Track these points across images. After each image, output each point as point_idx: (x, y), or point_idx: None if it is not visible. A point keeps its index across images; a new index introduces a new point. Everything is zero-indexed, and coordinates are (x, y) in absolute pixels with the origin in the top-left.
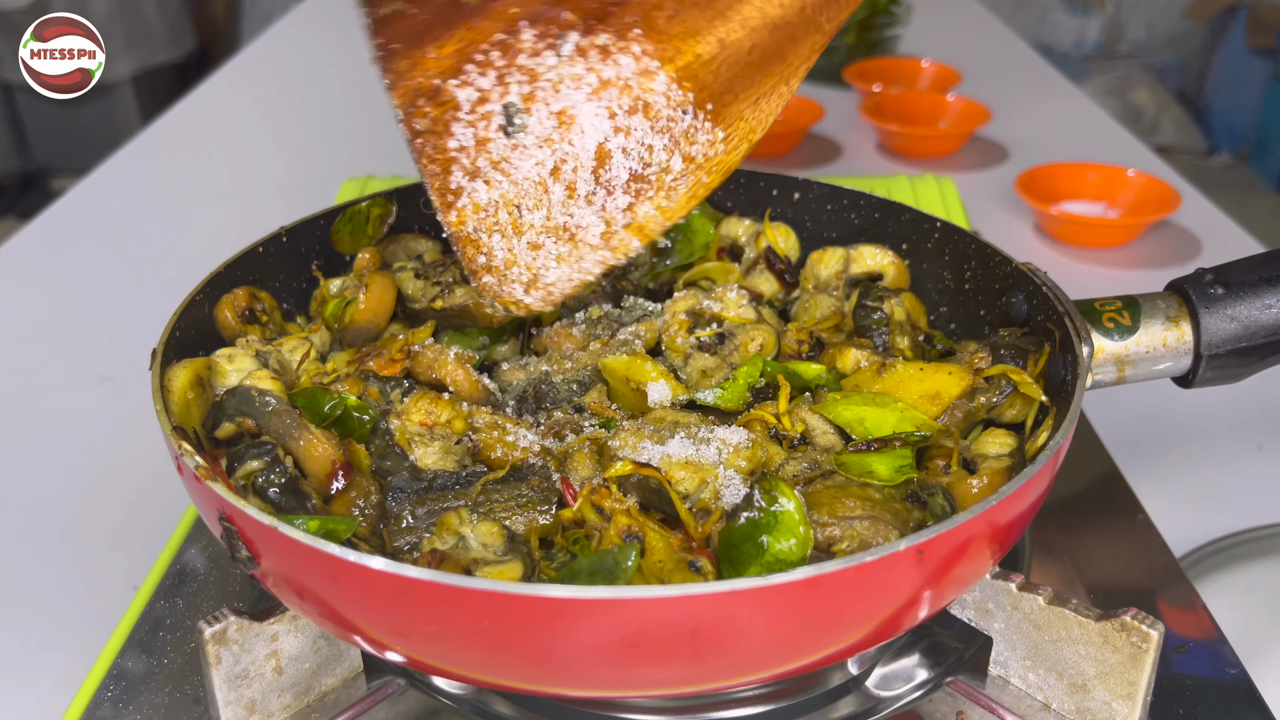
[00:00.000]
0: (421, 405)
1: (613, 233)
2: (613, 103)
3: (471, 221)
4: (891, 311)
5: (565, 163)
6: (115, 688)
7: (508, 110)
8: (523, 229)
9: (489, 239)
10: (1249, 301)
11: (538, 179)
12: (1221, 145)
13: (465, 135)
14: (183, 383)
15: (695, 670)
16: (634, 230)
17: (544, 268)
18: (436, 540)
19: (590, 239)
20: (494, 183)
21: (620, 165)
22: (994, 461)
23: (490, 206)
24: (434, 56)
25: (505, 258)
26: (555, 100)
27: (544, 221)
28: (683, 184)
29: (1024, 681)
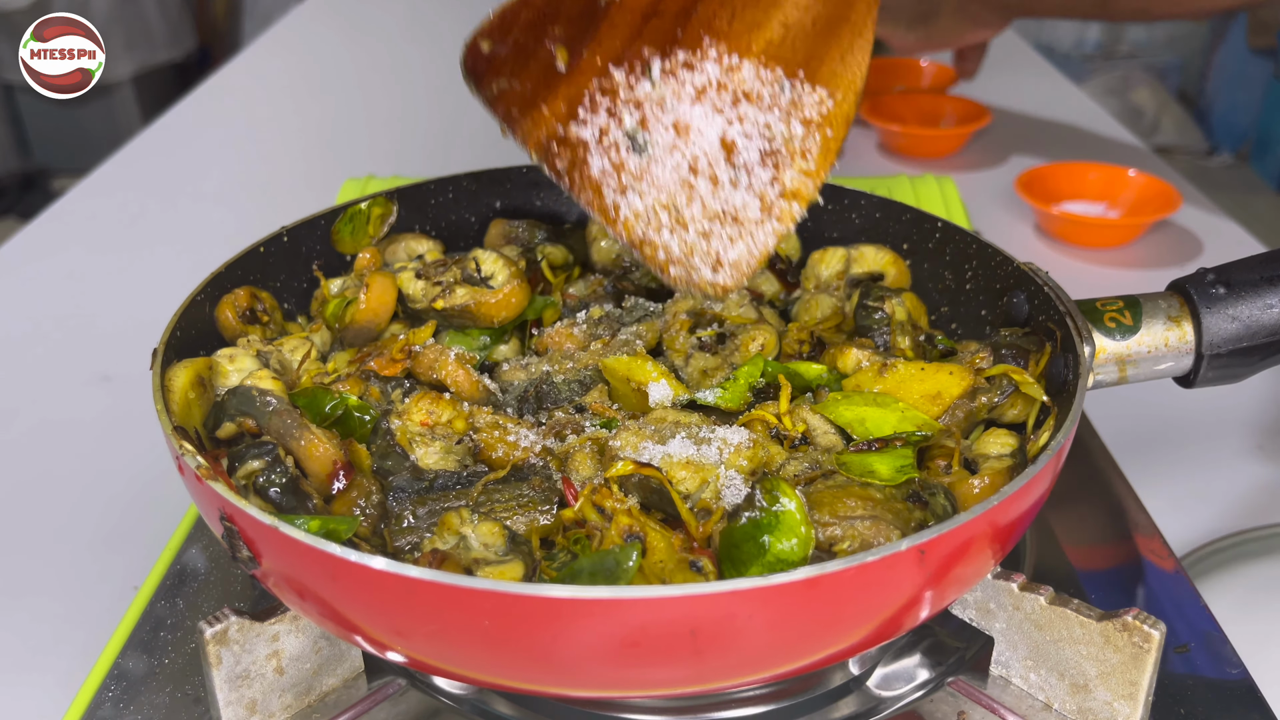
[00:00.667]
0: (422, 405)
1: (771, 204)
2: (715, 100)
3: (638, 229)
4: (892, 311)
5: (698, 160)
6: (116, 688)
7: (630, 135)
8: (687, 223)
9: (660, 238)
10: (1250, 301)
11: (680, 180)
12: (1222, 145)
13: (602, 163)
14: (184, 382)
15: (696, 670)
16: (789, 196)
17: (722, 249)
18: (437, 540)
19: (752, 215)
20: (643, 193)
21: (747, 148)
22: (995, 461)
23: (648, 213)
24: (548, 112)
25: (682, 249)
26: (666, 115)
27: (703, 212)
28: (812, 143)
29: (1025, 681)
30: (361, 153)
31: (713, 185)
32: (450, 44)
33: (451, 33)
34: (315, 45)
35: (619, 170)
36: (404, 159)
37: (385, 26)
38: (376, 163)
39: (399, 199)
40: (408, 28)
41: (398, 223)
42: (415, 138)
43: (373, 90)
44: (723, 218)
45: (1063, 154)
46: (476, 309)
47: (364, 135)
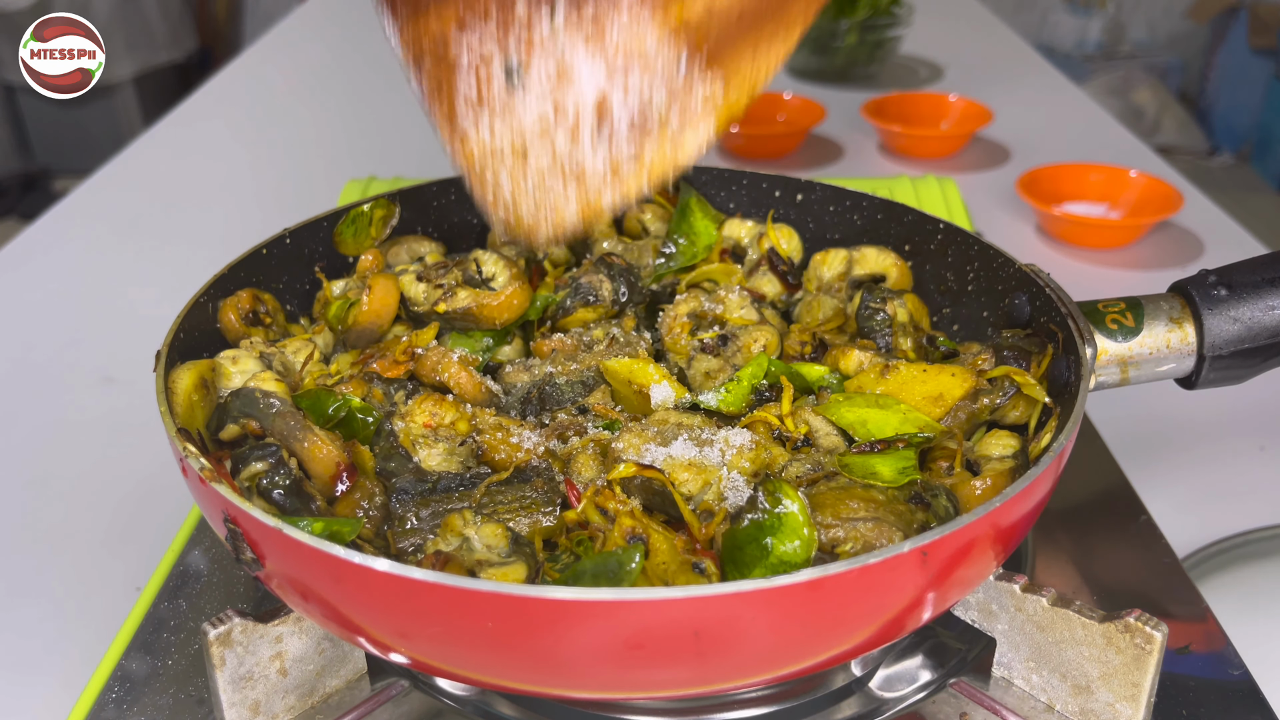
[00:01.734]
0: (425, 407)
1: (620, 172)
2: (607, 57)
3: (478, 158)
4: (894, 313)
5: (566, 112)
6: (119, 689)
7: (508, 69)
8: (528, 169)
9: (496, 177)
10: (1252, 303)
11: (540, 126)
12: (1223, 145)
13: (469, 87)
14: (187, 384)
15: (699, 672)
16: (642, 169)
17: (556, 203)
18: (440, 542)
19: (596, 177)
20: (496, 128)
21: (621, 114)
22: (997, 463)
23: (495, 148)
24: (434, 19)
25: (514, 192)
26: (551, 57)
27: (550, 162)
28: (689, 131)
29: (1027, 683)
30: (363, 154)
31: (571, 140)
32: None
33: None
34: (317, 46)
35: (481, 99)
36: (406, 160)
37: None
38: (378, 164)
39: (401, 201)
40: None
41: (400, 224)
42: (417, 139)
43: (375, 91)
44: (566, 174)
45: (1064, 155)
46: (478, 311)
47: (366, 136)
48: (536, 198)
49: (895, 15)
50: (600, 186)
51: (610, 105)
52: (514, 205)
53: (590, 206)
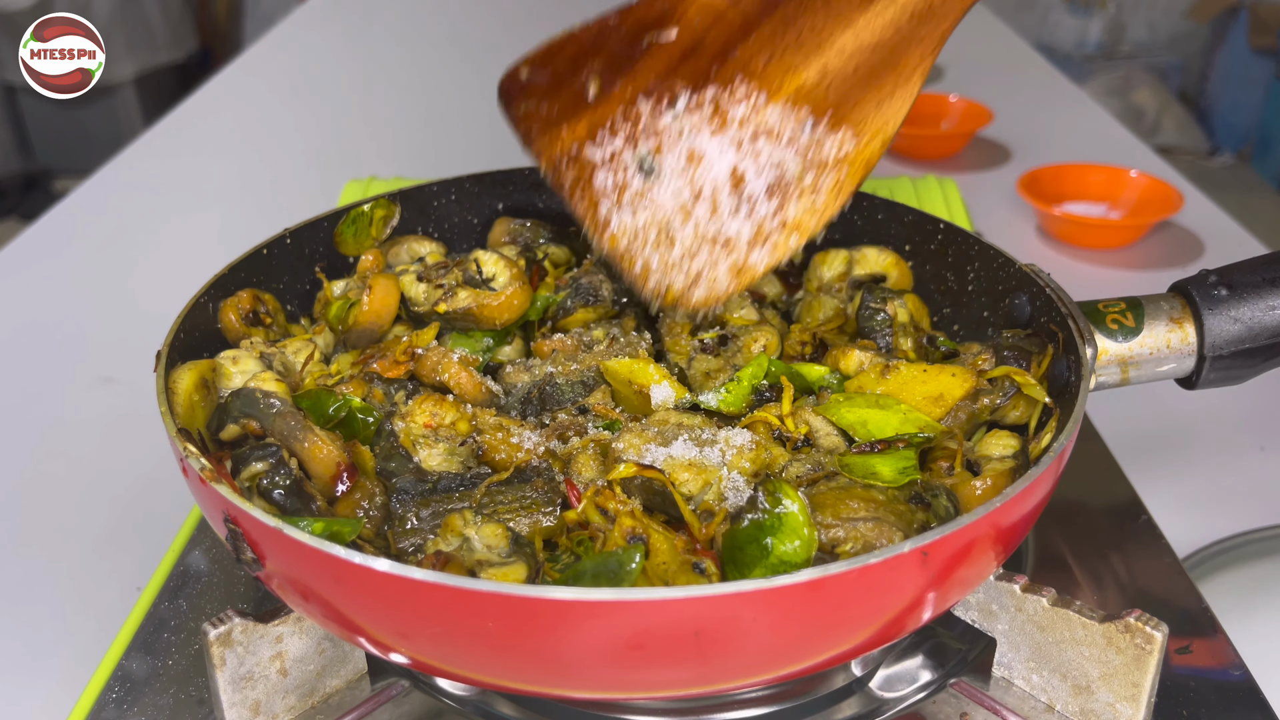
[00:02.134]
0: (426, 407)
1: (767, 234)
2: (734, 134)
3: (623, 241)
4: (894, 313)
5: (703, 188)
6: (119, 689)
7: (641, 160)
8: (674, 241)
9: (644, 252)
10: (1253, 303)
11: (679, 204)
12: (1224, 146)
13: (606, 180)
14: (187, 385)
15: (699, 672)
16: (789, 229)
17: (705, 269)
18: (441, 542)
19: (743, 241)
20: (638, 211)
21: (755, 181)
22: (998, 463)
23: (638, 229)
24: (568, 134)
25: (662, 264)
26: (681, 143)
27: (694, 235)
28: (825, 182)
29: (1027, 683)
30: (364, 154)
31: (711, 211)
32: (452, 44)
33: (453, 33)
34: (317, 46)
35: (621, 190)
36: (406, 160)
37: (387, 27)
38: (379, 164)
39: (401, 201)
40: (409, 29)
41: (400, 224)
42: (417, 139)
43: (375, 91)
44: (713, 241)
45: (1064, 155)
46: (479, 311)
47: (366, 136)
48: (687, 269)
49: None
50: (748, 250)
51: (744, 176)
52: (664, 279)
53: (741, 269)
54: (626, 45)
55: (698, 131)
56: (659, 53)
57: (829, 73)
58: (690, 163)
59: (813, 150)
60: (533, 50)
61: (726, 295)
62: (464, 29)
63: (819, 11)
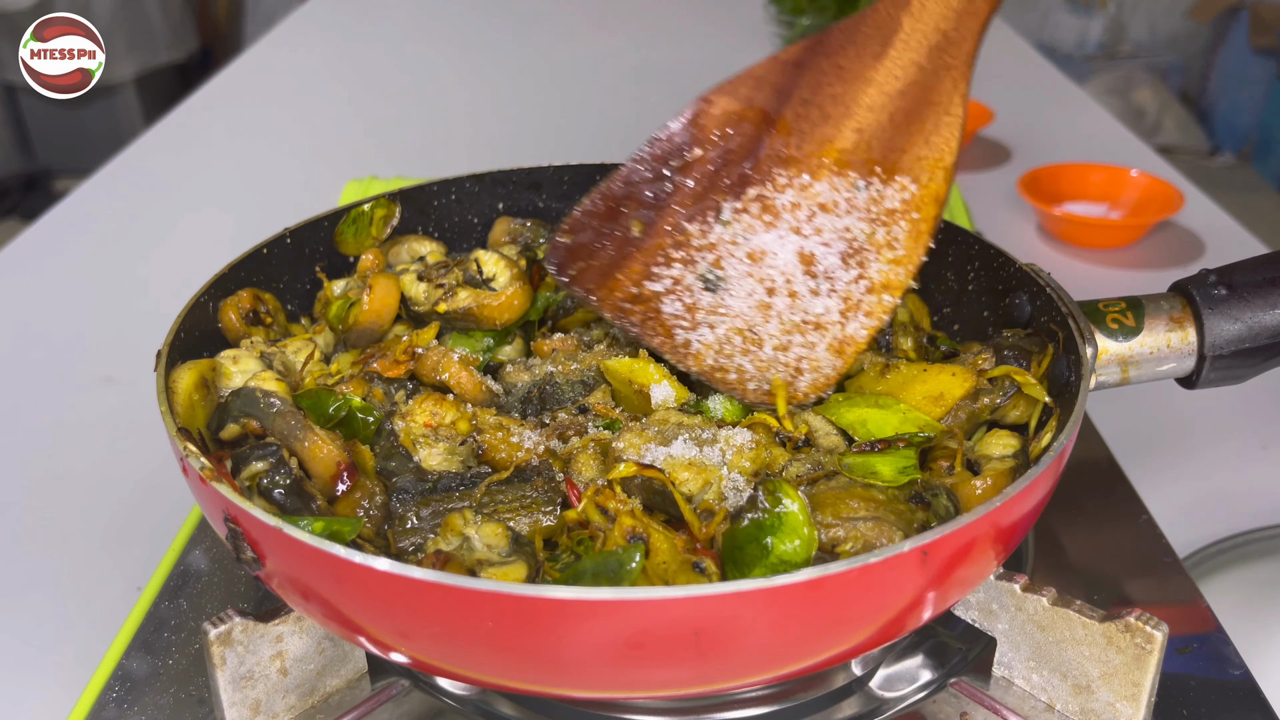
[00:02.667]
0: (426, 406)
1: (857, 302)
2: (790, 221)
3: (709, 358)
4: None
5: (775, 281)
6: (120, 689)
7: (703, 278)
8: (763, 340)
9: (733, 361)
10: (1253, 303)
11: (756, 304)
12: (1224, 145)
13: (675, 308)
14: (187, 384)
15: (699, 671)
16: (879, 290)
17: (804, 356)
18: (441, 541)
19: (833, 318)
20: (715, 325)
21: (826, 256)
22: (998, 463)
23: (720, 341)
24: (624, 278)
25: (757, 366)
26: (739, 249)
27: (780, 328)
28: (899, 232)
29: (1028, 682)
30: (364, 154)
31: (791, 300)
32: (452, 44)
33: (454, 33)
34: (317, 46)
35: (692, 311)
36: (406, 160)
37: (387, 27)
38: (379, 164)
39: (401, 200)
40: (410, 29)
41: (400, 224)
42: (418, 139)
43: (375, 91)
44: (802, 328)
45: (1065, 154)
46: (479, 311)
47: (366, 136)
48: (784, 362)
49: None
50: (842, 323)
51: (814, 256)
52: (763, 380)
53: (842, 344)
54: (656, 181)
55: (752, 232)
56: (690, 175)
57: (865, 130)
58: (754, 262)
59: (874, 207)
60: (568, 217)
61: (836, 376)
62: (464, 29)
63: (835, 81)
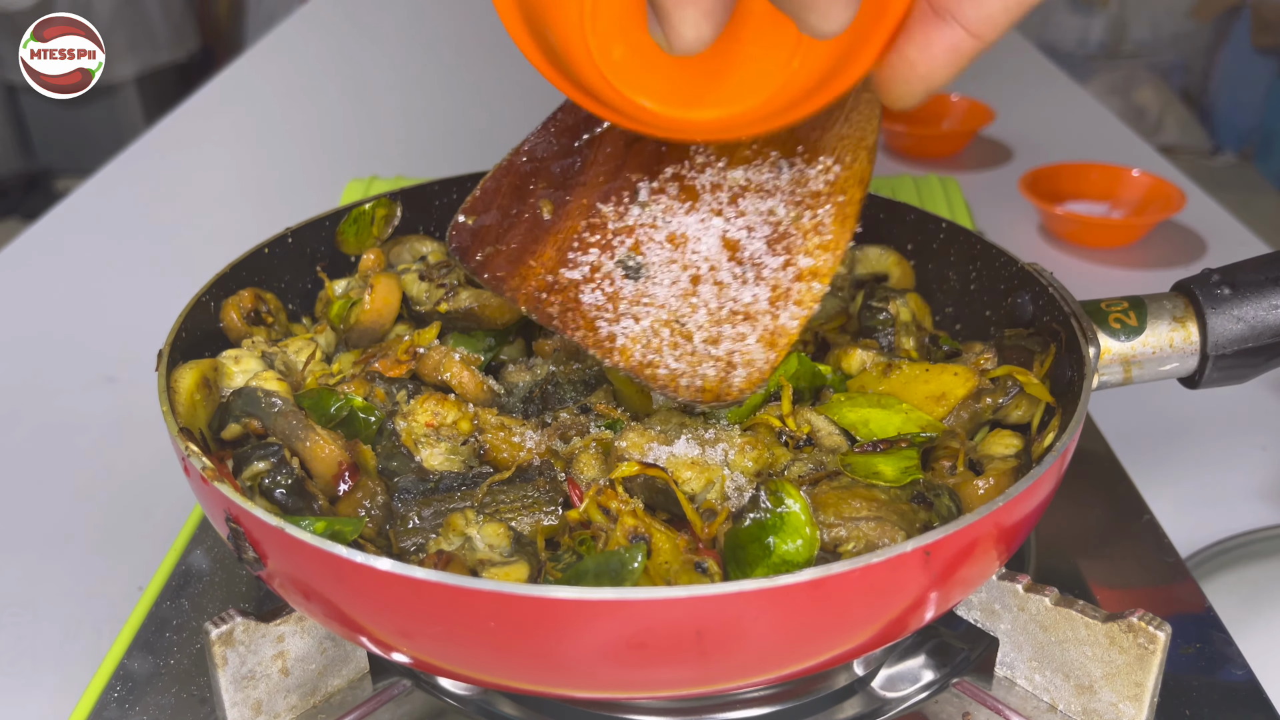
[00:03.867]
0: (428, 406)
1: (786, 290)
2: (710, 203)
3: (637, 353)
4: (897, 312)
5: (700, 268)
6: (121, 689)
7: (623, 264)
8: (691, 333)
9: (662, 356)
10: (1256, 302)
11: (681, 293)
12: (1226, 145)
13: (595, 297)
14: (189, 384)
15: (701, 671)
16: (808, 276)
17: (734, 350)
18: (443, 541)
19: (763, 307)
20: (640, 316)
21: (751, 241)
22: (1000, 463)
23: (647, 334)
24: (536, 264)
25: (688, 362)
26: (659, 232)
27: (708, 318)
28: (825, 215)
29: (1030, 683)
30: (365, 153)
31: (718, 289)
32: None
33: (454, 33)
34: (318, 46)
35: (614, 301)
36: (407, 159)
37: (388, 27)
38: (380, 163)
39: (403, 200)
40: (411, 28)
41: (402, 224)
42: (419, 138)
43: (376, 91)
44: (731, 318)
45: (1066, 154)
46: (481, 311)
47: (367, 136)
48: (715, 356)
49: None
50: (772, 312)
51: (738, 241)
52: (695, 376)
53: (774, 334)
54: (564, 156)
55: (671, 214)
56: (600, 149)
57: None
58: (676, 247)
59: (798, 189)
60: (469, 197)
61: (770, 369)
62: (464, 29)
63: None
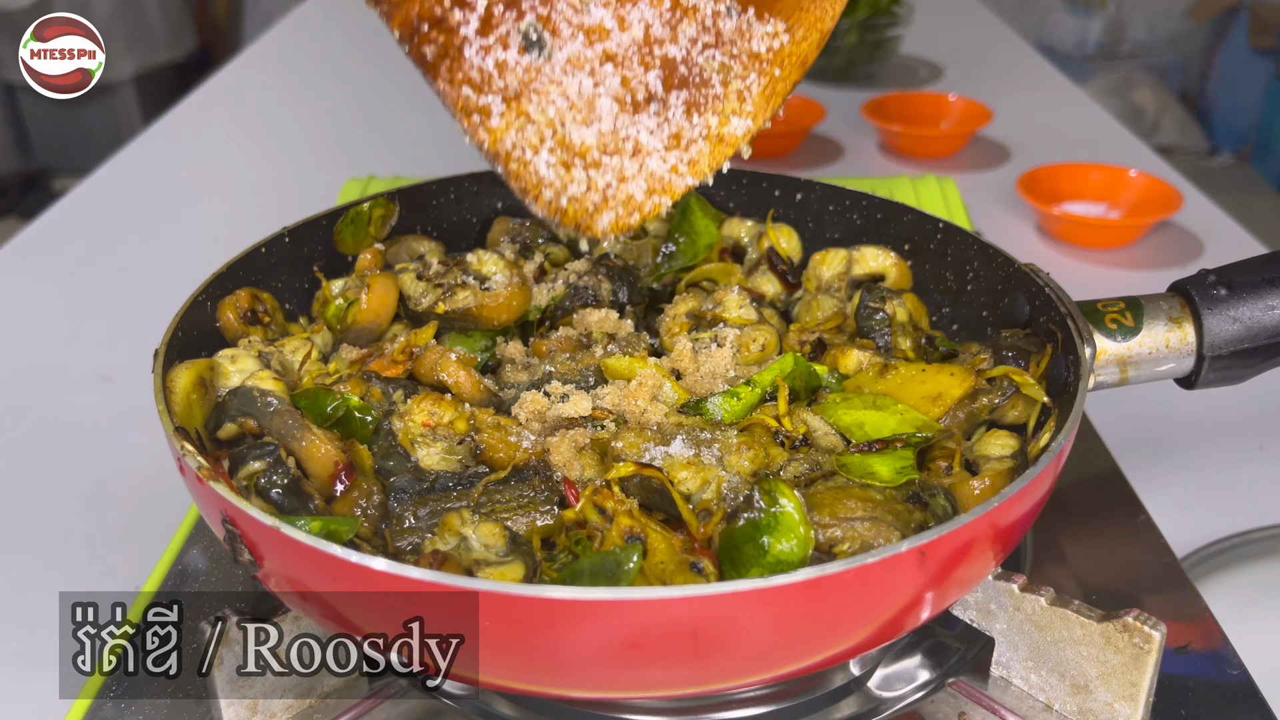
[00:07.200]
0: (424, 406)
1: (687, 143)
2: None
3: (509, 139)
4: (893, 312)
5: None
6: (118, 688)
7: (525, 34)
8: (572, 145)
9: (535, 159)
10: (1252, 303)
11: (578, 93)
12: (1223, 146)
13: (481, 58)
14: (185, 383)
15: (697, 671)
16: (713, 140)
17: (610, 186)
18: (438, 541)
19: (656, 148)
20: (524, 99)
21: (674, 73)
22: (996, 463)
23: (524, 124)
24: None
25: (559, 176)
26: (580, 16)
27: (596, 139)
28: (754, 84)
29: (1026, 682)
30: (363, 153)
31: (617, 109)
32: None
33: None
34: (316, 45)
35: (500, 70)
36: (405, 159)
37: (386, 27)
38: (378, 163)
39: (400, 200)
40: None
41: (399, 223)
42: (417, 138)
43: (374, 90)
44: (620, 147)
45: (1064, 154)
46: (478, 312)
47: (365, 135)
48: (590, 180)
49: (895, 15)
50: (663, 158)
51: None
52: (561, 193)
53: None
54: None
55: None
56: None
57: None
58: (589, 43)
59: (739, 41)
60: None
61: (642, 219)
62: None
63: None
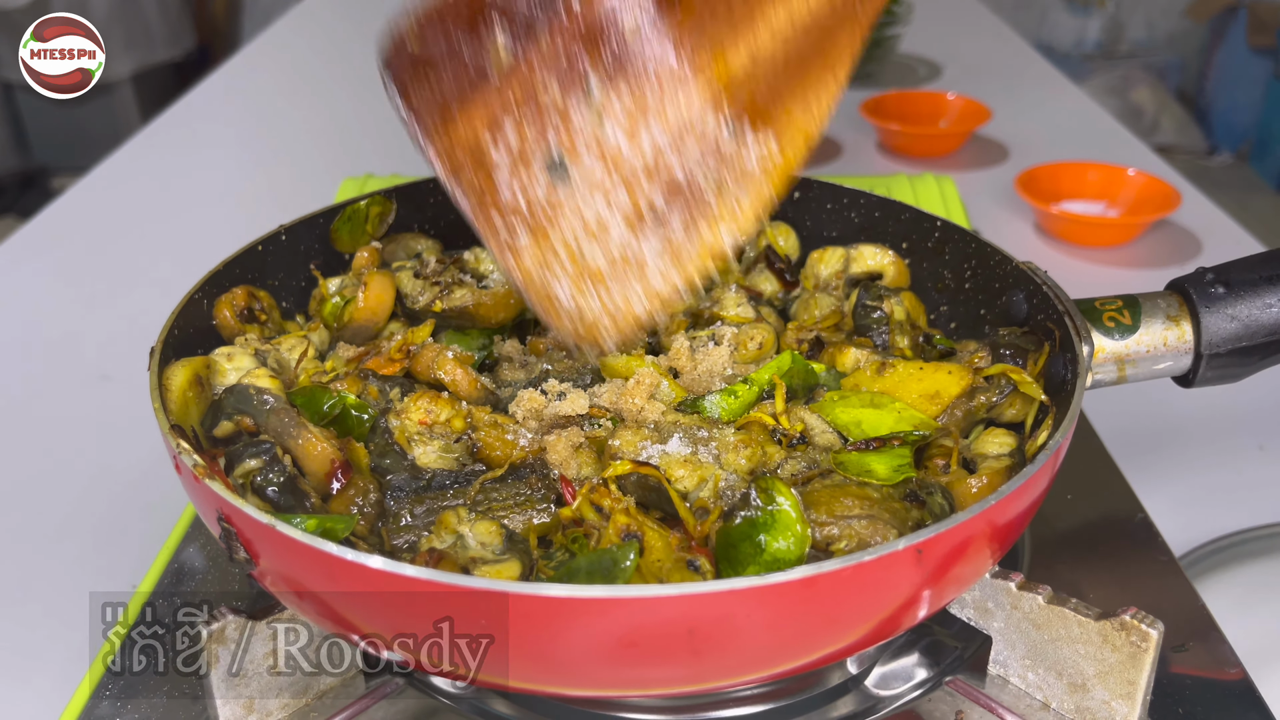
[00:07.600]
0: (421, 404)
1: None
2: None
3: (537, 274)
4: (891, 311)
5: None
6: (114, 686)
7: (551, 162)
8: (585, 270)
9: (559, 290)
10: (1250, 301)
11: (595, 219)
12: (1222, 145)
13: (514, 191)
14: (181, 381)
15: (694, 670)
16: (704, 254)
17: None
18: (435, 539)
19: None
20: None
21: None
22: (994, 461)
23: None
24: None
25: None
26: (598, 145)
27: (605, 260)
28: (744, 198)
29: (1023, 681)
30: (360, 151)
31: (627, 230)
32: None
33: None
34: (314, 44)
35: (529, 203)
36: (402, 158)
37: (384, 25)
38: (375, 161)
39: (397, 197)
40: None
41: (396, 221)
42: None
43: (371, 89)
44: (625, 265)
45: (1062, 153)
46: (475, 310)
47: (363, 134)
48: (603, 301)
49: (894, 14)
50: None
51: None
52: (578, 318)
53: (658, 300)
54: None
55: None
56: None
57: (759, 61)
58: (606, 169)
59: (734, 162)
60: (419, 9)
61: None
62: None
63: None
